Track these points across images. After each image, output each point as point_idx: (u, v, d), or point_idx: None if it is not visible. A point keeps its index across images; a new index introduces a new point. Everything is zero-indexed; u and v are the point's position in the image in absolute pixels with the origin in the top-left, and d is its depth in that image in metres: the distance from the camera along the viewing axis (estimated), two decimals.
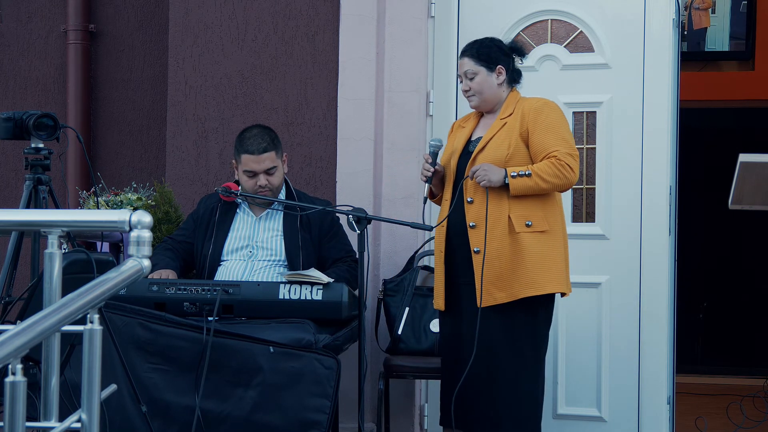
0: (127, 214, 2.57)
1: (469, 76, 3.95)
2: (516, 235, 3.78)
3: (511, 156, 3.82)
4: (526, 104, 3.92)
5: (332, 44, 4.81)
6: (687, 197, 5.92)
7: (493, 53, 3.96)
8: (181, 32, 4.92)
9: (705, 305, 8.01)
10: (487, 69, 3.94)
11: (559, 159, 3.78)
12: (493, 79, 3.94)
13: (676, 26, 4.66)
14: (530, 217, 3.80)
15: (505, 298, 3.78)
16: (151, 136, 5.36)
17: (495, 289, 3.78)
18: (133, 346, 3.74)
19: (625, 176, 4.64)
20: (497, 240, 3.79)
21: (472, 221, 3.83)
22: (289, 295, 3.89)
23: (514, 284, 3.77)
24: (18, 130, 3.77)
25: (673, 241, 4.66)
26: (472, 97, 3.97)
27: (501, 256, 3.79)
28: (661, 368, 4.59)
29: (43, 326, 2.25)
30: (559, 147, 3.80)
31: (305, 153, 4.80)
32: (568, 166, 3.78)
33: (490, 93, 3.95)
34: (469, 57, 3.97)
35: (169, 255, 4.23)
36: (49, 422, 2.48)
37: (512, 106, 3.94)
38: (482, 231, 3.80)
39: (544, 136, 3.83)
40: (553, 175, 3.77)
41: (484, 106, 3.98)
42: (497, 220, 3.80)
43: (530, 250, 3.78)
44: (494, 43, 4.00)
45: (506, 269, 3.78)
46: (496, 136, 3.88)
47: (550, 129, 3.84)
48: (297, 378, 3.76)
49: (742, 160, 3.56)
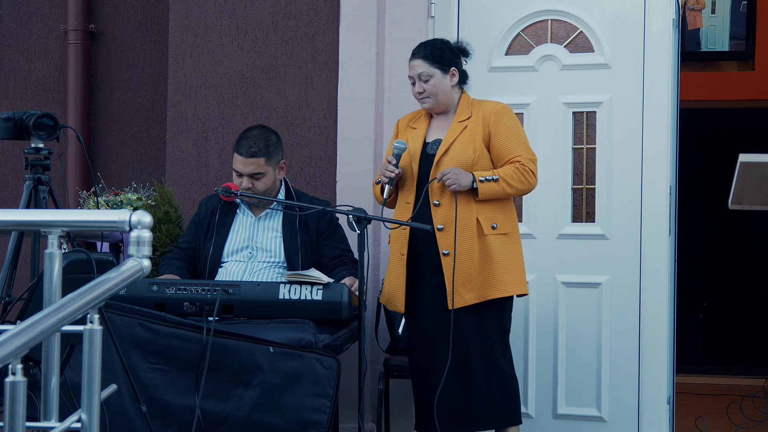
0: (127, 214, 2.57)
1: (423, 79, 3.97)
2: (484, 237, 3.87)
3: (476, 159, 3.89)
4: (485, 107, 3.97)
5: (332, 44, 4.81)
6: (687, 197, 5.92)
7: (446, 55, 3.99)
8: (181, 32, 4.92)
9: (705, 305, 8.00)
10: (441, 71, 3.97)
11: (523, 164, 3.87)
12: (447, 80, 3.98)
13: (676, 26, 4.66)
14: (495, 219, 3.89)
15: (474, 299, 3.86)
16: (151, 136, 5.36)
17: (464, 291, 3.85)
18: (133, 346, 3.74)
19: (625, 176, 4.64)
20: (467, 242, 3.86)
21: (440, 224, 3.88)
22: (289, 295, 3.89)
23: (483, 286, 3.85)
24: (18, 130, 3.77)
25: (673, 241, 4.66)
26: (427, 99, 3.99)
27: (471, 258, 3.86)
28: (661, 368, 4.59)
29: (43, 326, 2.25)
30: (522, 152, 3.90)
31: (305, 153, 4.80)
32: (531, 171, 3.89)
33: (444, 95, 3.98)
34: (422, 58, 3.98)
35: (178, 264, 4.24)
36: (49, 422, 2.48)
37: (468, 108, 3.99)
38: (450, 233, 3.85)
39: (507, 140, 3.91)
40: (518, 180, 3.86)
41: (438, 107, 4.02)
42: (466, 222, 3.86)
43: (497, 253, 3.87)
44: (445, 44, 4.04)
45: (475, 271, 3.86)
46: (459, 139, 3.92)
47: (513, 134, 3.93)
48: (297, 378, 3.76)
49: (742, 160, 3.56)
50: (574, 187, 4.72)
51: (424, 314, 3.95)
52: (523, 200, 4.71)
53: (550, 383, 4.66)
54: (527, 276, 4.05)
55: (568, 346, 4.67)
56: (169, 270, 4.20)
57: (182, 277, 4.16)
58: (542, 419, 4.68)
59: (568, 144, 4.72)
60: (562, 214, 4.71)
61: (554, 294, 4.68)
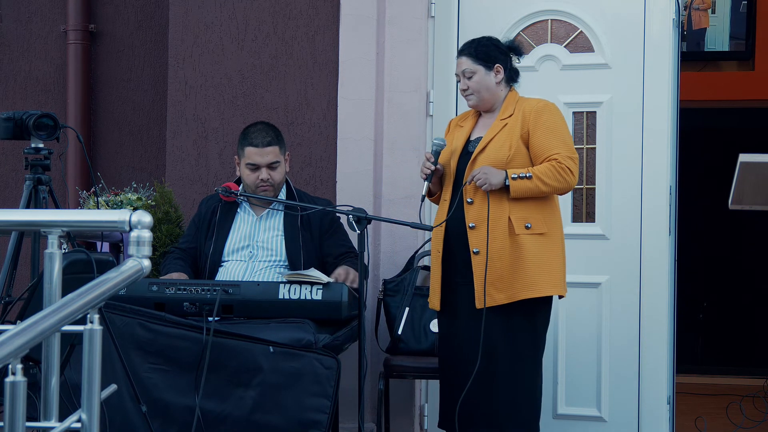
0: (127, 214, 2.57)
1: (467, 75, 3.95)
2: (516, 237, 3.79)
3: (512, 157, 3.82)
4: (527, 105, 3.92)
5: (332, 44, 4.81)
6: (687, 197, 5.92)
7: (491, 52, 3.96)
8: (181, 32, 4.92)
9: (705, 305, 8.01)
10: (485, 68, 3.94)
11: (560, 162, 3.78)
12: (491, 77, 3.94)
13: (676, 26, 4.66)
14: (529, 219, 3.81)
15: (504, 299, 3.79)
16: (151, 136, 5.36)
17: (494, 290, 3.78)
18: (133, 346, 3.74)
19: (625, 176, 4.64)
20: (498, 241, 3.79)
21: (472, 222, 3.83)
22: (289, 295, 3.89)
23: (514, 286, 3.78)
24: (18, 130, 3.77)
25: (673, 241, 4.66)
26: (471, 96, 3.96)
27: (501, 257, 3.79)
28: (661, 368, 4.59)
29: (43, 326, 2.25)
30: (560, 150, 3.81)
31: (305, 153, 4.80)
32: (568, 169, 3.79)
33: (488, 92, 3.94)
34: (466, 56, 3.96)
35: (180, 264, 4.24)
36: (49, 422, 2.48)
37: (512, 106, 3.93)
38: (482, 232, 3.80)
39: (545, 138, 3.83)
40: (554, 179, 3.78)
41: (483, 105, 3.98)
42: (498, 221, 3.80)
43: (530, 252, 3.78)
44: (492, 42, 4.00)
45: (506, 271, 3.78)
46: (497, 136, 3.87)
47: (551, 131, 3.84)
48: (297, 378, 3.76)
49: (742, 160, 3.57)
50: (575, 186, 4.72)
51: (454, 313, 3.91)
52: None
53: (550, 383, 4.66)
54: None
55: (568, 346, 4.67)
56: (174, 269, 4.19)
57: (188, 276, 4.16)
58: (542, 419, 4.64)
59: None
60: (562, 214, 4.69)
61: None
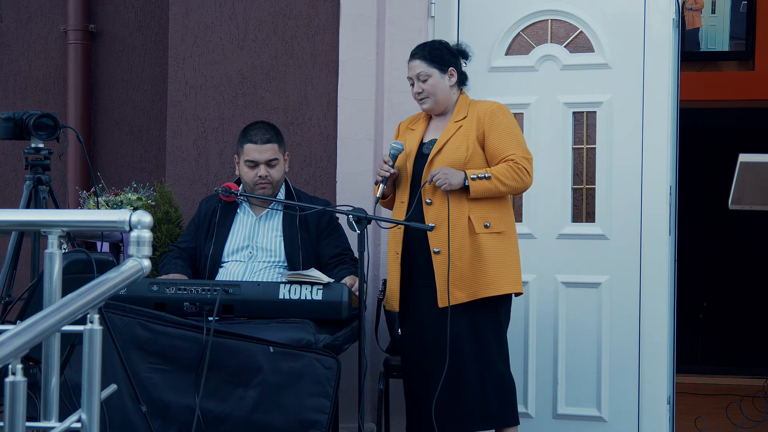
0: (127, 214, 2.57)
1: (421, 79, 4.00)
2: (476, 236, 3.87)
3: (469, 158, 3.90)
4: (480, 107, 3.99)
5: (332, 44, 4.81)
6: (687, 197, 5.92)
7: (444, 55, 4.02)
8: (181, 32, 4.92)
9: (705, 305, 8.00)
10: (439, 71, 4.00)
11: (517, 163, 3.87)
12: (445, 81, 4.00)
13: (676, 26, 4.66)
14: (488, 218, 3.88)
15: (465, 297, 3.86)
16: (151, 136, 5.36)
17: (455, 289, 3.85)
18: (133, 346, 3.74)
19: (625, 176, 4.64)
20: (458, 240, 3.87)
21: (432, 222, 3.87)
22: (289, 295, 3.89)
23: (474, 284, 3.86)
24: (18, 130, 3.77)
25: (673, 241, 4.66)
26: (426, 99, 4.02)
27: (462, 256, 3.87)
28: (661, 368, 4.59)
29: (43, 326, 2.25)
30: (516, 151, 3.89)
31: (305, 153, 4.80)
32: (525, 169, 3.88)
33: (442, 95, 4.00)
34: (420, 59, 4.01)
35: (179, 263, 4.24)
36: (49, 422, 2.48)
37: (465, 108, 4.00)
38: (442, 232, 3.87)
39: (500, 139, 3.91)
40: (512, 179, 3.86)
41: (437, 108, 4.03)
42: (458, 221, 3.87)
43: (489, 251, 3.86)
44: (444, 45, 4.07)
45: (466, 270, 3.86)
46: (453, 138, 3.94)
47: (507, 133, 3.92)
48: (297, 378, 3.76)
49: (742, 160, 3.57)
50: (574, 187, 4.72)
51: (417, 314, 3.96)
52: (523, 200, 4.72)
53: (550, 383, 4.66)
54: (527, 276, 4.05)
55: (568, 346, 4.67)
56: (173, 269, 4.19)
57: (187, 276, 4.16)
58: (542, 419, 4.68)
59: (568, 144, 4.72)
60: (562, 214, 4.71)
61: (554, 294, 4.68)
